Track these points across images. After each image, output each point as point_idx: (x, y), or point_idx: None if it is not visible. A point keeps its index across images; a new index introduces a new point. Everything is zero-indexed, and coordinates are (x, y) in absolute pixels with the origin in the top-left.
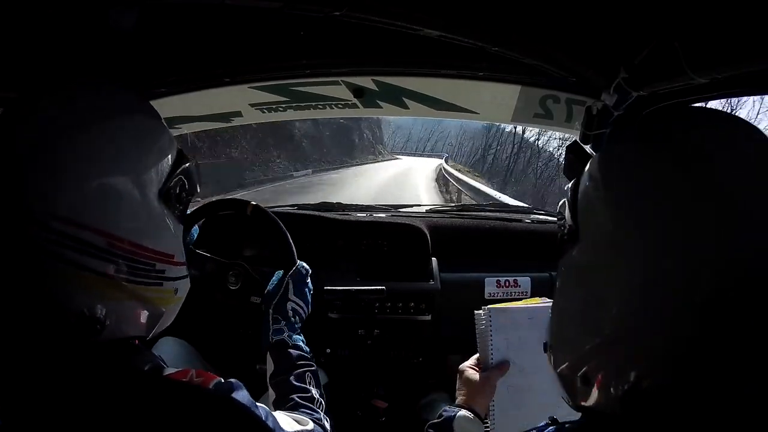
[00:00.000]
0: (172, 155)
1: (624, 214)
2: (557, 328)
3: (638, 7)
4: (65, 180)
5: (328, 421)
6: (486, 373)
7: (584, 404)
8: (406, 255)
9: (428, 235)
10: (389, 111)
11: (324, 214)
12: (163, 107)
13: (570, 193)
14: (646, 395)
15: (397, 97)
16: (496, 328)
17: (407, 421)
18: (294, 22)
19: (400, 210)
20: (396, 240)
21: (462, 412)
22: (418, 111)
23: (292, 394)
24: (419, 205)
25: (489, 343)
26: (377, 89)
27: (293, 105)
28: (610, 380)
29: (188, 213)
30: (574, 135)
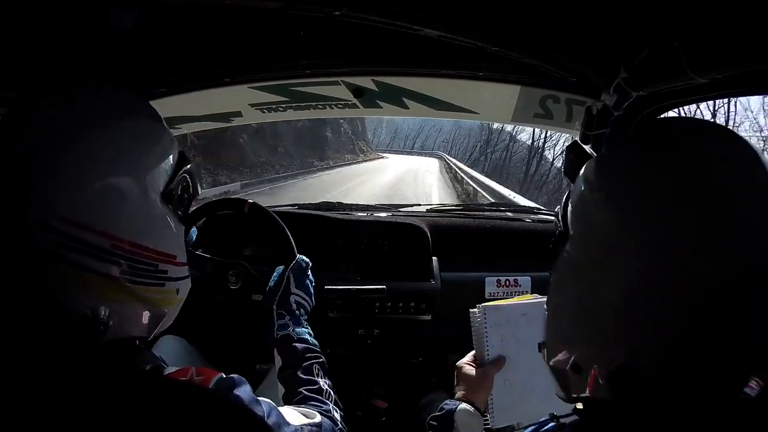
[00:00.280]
0: (174, 156)
1: (619, 214)
2: (551, 323)
3: (638, 7)
4: (68, 181)
5: (338, 411)
6: (483, 368)
7: (577, 395)
8: (406, 254)
9: (429, 235)
10: (389, 111)
11: (324, 213)
12: (163, 107)
13: (567, 194)
14: (637, 380)
15: (397, 97)
16: (491, 325)
17: (407, 421)
18: (294, 22)
19: (401, 209)
20: (396, 239)
21: (463, 405)
22: (418, 111)
23: (300, 388)
24: (419, 204)
25: (485, 339)
26: (377, 89)
27: (293, 105)
28: (601, 368)
29: (190, 212)
30: (574, 135)
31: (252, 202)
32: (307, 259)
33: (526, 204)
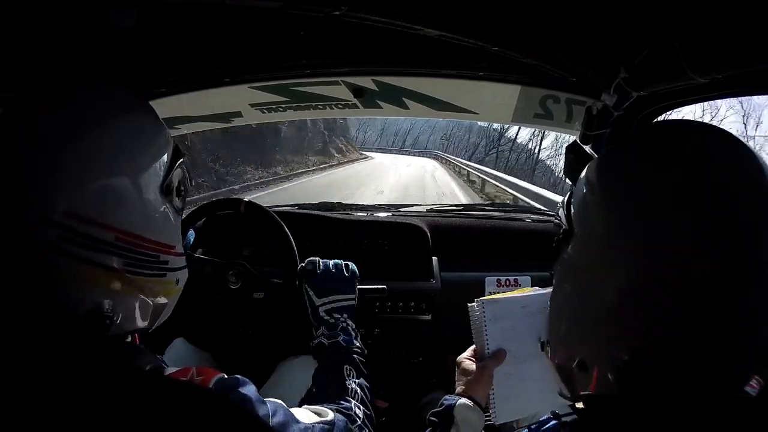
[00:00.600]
0: (169, 150)
1: (620, 214)
2: (555, 322)
3: (638, 7)
4: (70, 177)
5: (362, 409)
6: (483, 362)
7: (583, 392)
8: (406, 254)
9: (429, 235)
10: (389, 111)
11: (324, 213)
12: (163, 107)
13: (568, 194)
14: (643, 373)
15: (397, 97)
16: (490, 318)
17: (407, 420)
18: (294, 22)
19: (401, 209)
20: (396, 239)
21: (462, 400)
22: (418, 111)
23: (328, 390)
24: (420, 204)
25: (484, 333)
26: (377, 89)
27: (293, 105)
28: (607, 364)
29: (184, 216)
30: (574, 135)
31: (248, 200)
32: (314, 259)
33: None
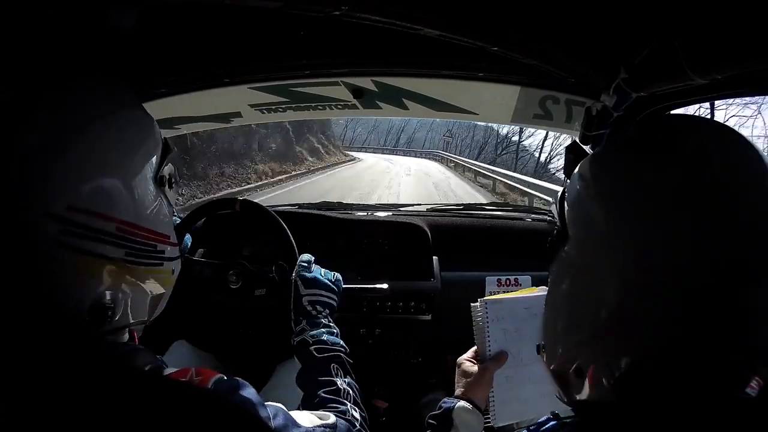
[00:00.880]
0: (160, 143)
1: (617, 214)
2: (550, 325)
3: (638, 7)
4: (72, 173)
5: (358, 410)
6: (484, 364)
7: (579, 398)
8: (406, 254)
9: (429, 234)
10: (389, 112)
11: (325, 213)
12: (163, 107)
13: (561, 192)
14: (640, 380)
15: (396, 97)
16: (493, 319)
17: (407, 421)
18: (294, 22)
19: (401, 209)
20: (397, 239)
21: (461, 403)
22: (418, 112)
23: (318, 390)
24: (420, 204)
25: (486, 334)
26: (377, 90)
27: (293, 105)
28: (603, 369)
29: (181, 220)
30: (573, 135)
31: (243, 198)
32: (308, 256)
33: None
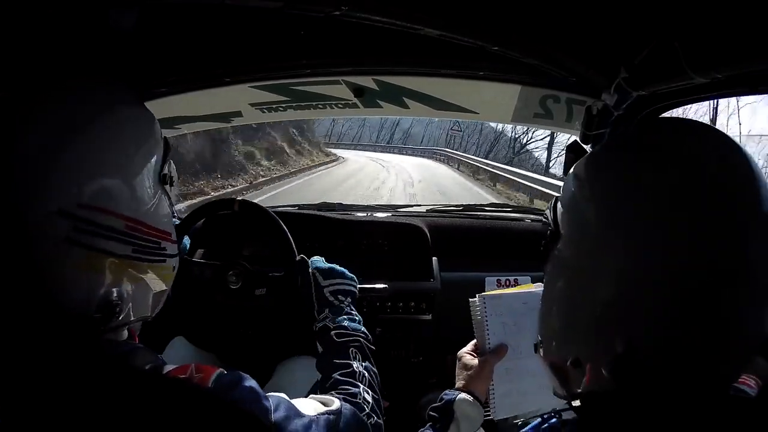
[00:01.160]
0: (162, 142)
1: (615, 213)
2: (546, 320)
3: (638, 7)
4: (80, 171)
5: (371, 393)
6: (484, 357)
7: (579, 390)
8: (406, 254)
9: (428, 235)
10: (389, 110)
11: (324, 213)
12: (163, 107)
13: (555, 198)
14: (637, 367)
15: (397, 96)
16: (492, 314)
17: (407, 420)
18: (294, 22)
19: (400, 209)
20: (396, 239)
21: (462, 395)
22: (419, 110)
23: (334, 373)
24: (419, 204)
25: (485, 328)
26: (377, 89)
27: (293, 105)
28: (601, 360)
29: (180, 221)
30: (574, 135)
31: (241, 199)
32: (317, 257)
33: None
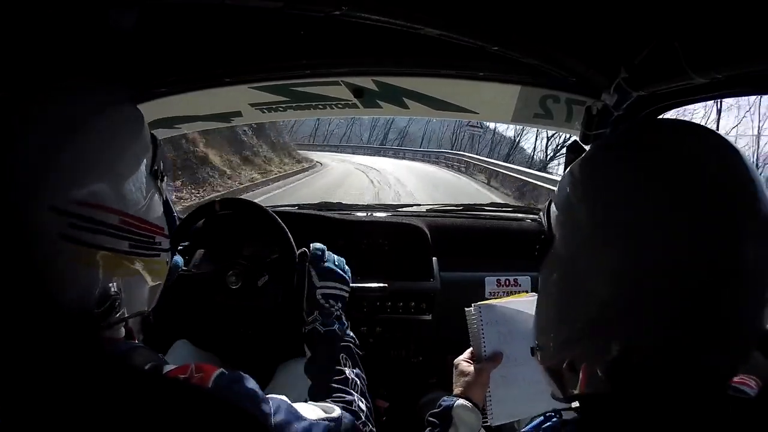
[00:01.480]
0: (152, 138)
1: (612, 213)
2: (542, 324)
3: (638, 7)
4: (76, 168)
5: (365, 401)
6: (480, 365)
7: (576, 392)
8: (406, 254)
9: (428, 235)
10: (389, 111)
11: (324, 213)
12: (163, 107)
13: (549, 200)
14: (635, 372)
15: (397, 97)
16: (487, 322)
17: (407, 420)
18: (294, 22)
19: (400, 209)
20: (396, 239)
21: (460, 401)
22: (418, 111)
23: (326, 380)
24: (419, 204)
25: (481, 336)
26: (377, 89)
27: (293, 105)
28: (597, 362)
29: (183, 219)
30: (574, 135)
31: (220, 199)
32: (321, 245)
33: None
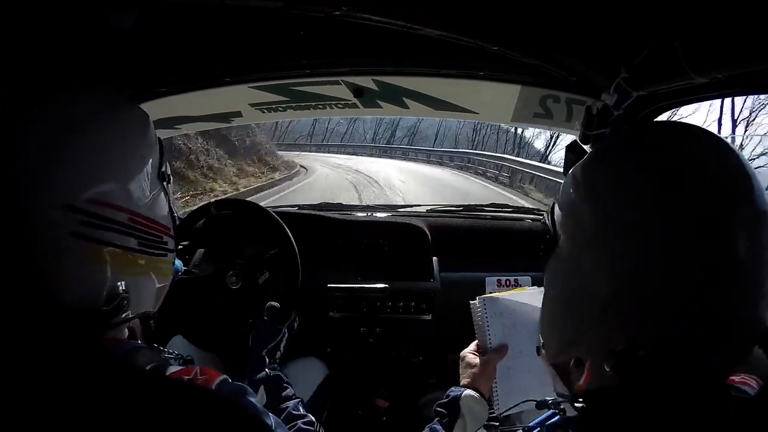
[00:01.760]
0: (157, 141)
1: (614, 213)
2: (547, 321)
3: (638, 7)
4: (81, 170)
5: None
6: (486, 356)
7: (582, 388)
8: (406, 254)
9: (428, 235)
10: (389, 111)
11: (324, 213)
12: (163, 107)
13: (554, 202)
14: (638, 363)
15: (397, 96)
16: (492, 315)
17: (407, 420)
18: (294, 22)
19: (400, 209)
20: (396, 239)
21: (468, 391)
22: (418, 111)
23: (294, 420)
24: (419, 205)
25: (486, 329)
26: (377, 89)
27: (293, 105)
28: (602, 356)
29: (183, 218)
30: (574, 135)
31: (216, 200)
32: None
33: None
